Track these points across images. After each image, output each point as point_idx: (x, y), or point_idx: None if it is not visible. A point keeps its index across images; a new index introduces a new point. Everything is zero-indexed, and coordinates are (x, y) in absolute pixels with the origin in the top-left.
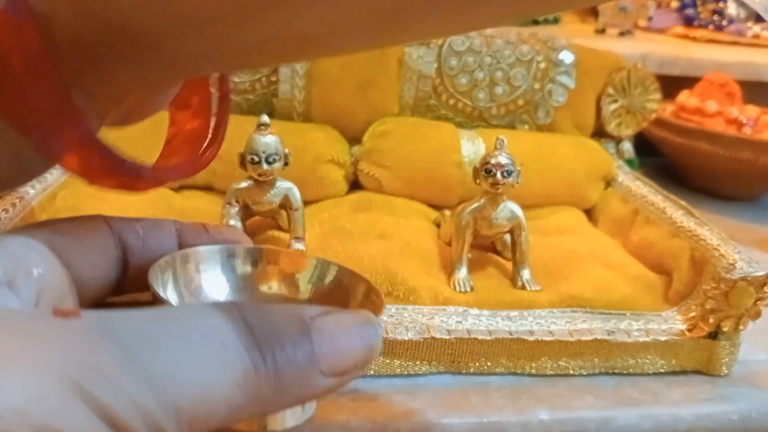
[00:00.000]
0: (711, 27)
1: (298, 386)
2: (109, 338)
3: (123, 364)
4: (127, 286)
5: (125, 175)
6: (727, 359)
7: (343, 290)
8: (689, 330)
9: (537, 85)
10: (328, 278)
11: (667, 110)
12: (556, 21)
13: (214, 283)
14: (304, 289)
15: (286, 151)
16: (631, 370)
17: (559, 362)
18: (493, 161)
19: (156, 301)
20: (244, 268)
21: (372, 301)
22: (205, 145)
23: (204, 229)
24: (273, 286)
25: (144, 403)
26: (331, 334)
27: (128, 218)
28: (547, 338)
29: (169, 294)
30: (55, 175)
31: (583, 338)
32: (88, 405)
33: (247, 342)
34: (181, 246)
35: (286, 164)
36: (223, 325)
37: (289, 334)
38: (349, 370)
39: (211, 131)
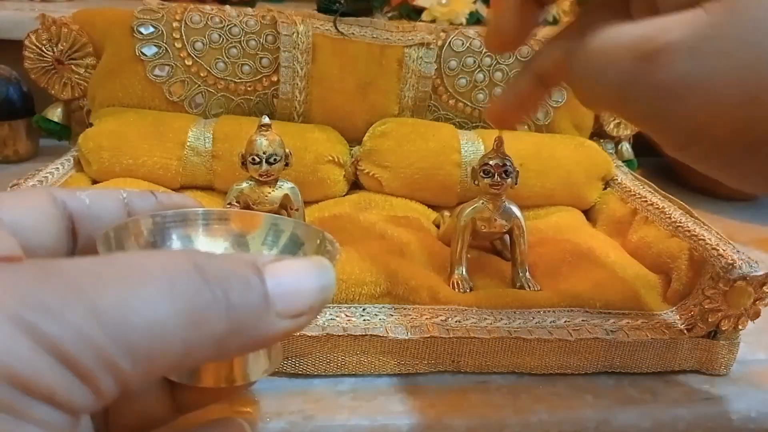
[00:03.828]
0: None
1: (253, 327)
2: (54, 275)
3: (68, 298)
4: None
5: None
6: (726, 359)
7: (298, 243)
8: (688, 329)
9: None
10: (282, 233)
11: None
12: (555, 21)
13: (167, 247)
14: (259, 244)
15: (287, 151)
16: (630, 369)
17: (559, 361)
18: (491, 162)
19: None
20: (196, 230)
21: (327, 250)
22: None
23: (152, 196)
24: (228, 246)
25: (93, 337)
26: (284, 276)
27: (73, 188)
28: (547, 337)
29: None
30: (56, 176)
31: (583, 337)
32: (35, 341)
33: (196, 279)
34: (129, 213)
35: (287, 165)
36: (171, 264)
37: (241, 275)
38: (305, 312)
39: None
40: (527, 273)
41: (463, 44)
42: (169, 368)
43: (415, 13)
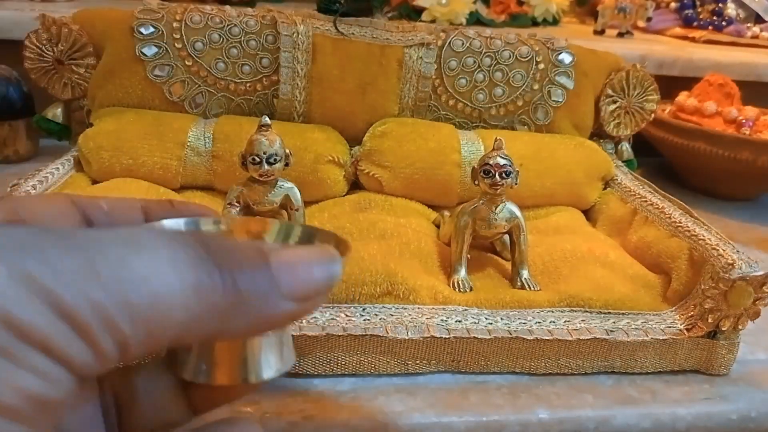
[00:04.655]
0: (710, 28)
1: (258, 305)
2: (55, 233)
3: (70, 256)
4: None
5: None
6: (725, 359)
7: (310, 243)
8: (688, 329)
9: (536, 86)
10: (293, 237)
11: (666, 111)
12: (555, 22)
13: None
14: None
15: (287, 151)
16: (629, 369)
17: (558, 361)
18: (491, 162)
19: None
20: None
21: (339, 249)
22: None
23: (170, 205)
24: None
25: (91, 293)
26: (289, 259)
27: (92, 196)
28: (546, 337)
29: None
30: (56, 176)
31: (582, 337)
32: (33, 290)
33: (199, 250)
34: (147, 221)
35: (287, 165)
36: (174, 236)
37: (248, 257)
38: (311, 296)
39: None
40: (527, 273)
41: (463, 44)
42: (171, 338)
43: (415, 13)
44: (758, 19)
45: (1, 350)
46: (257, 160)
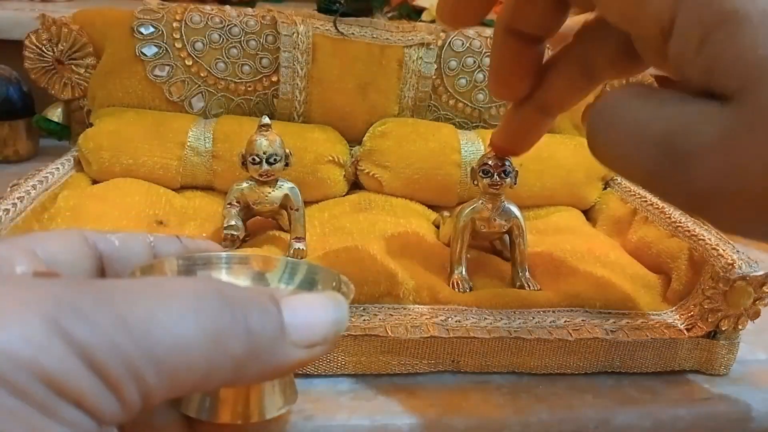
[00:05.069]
0: None
1: (270, 353)
2: (88, 286)
3: (100, 306)
4: None
5: None
6: (726, 359)
7: (313, 283)
8: (688, 329)
9: None
10: (299, 275)
11: None
12: None
13: None
14: (276, 282)
15: (288, 151)
16: (629, 369)
17: (559, 361)
18: (490, 162)
19: None
20: (217, 272)
21: (342, 291)
22: None
23: (178, 240)
24: (248, 283)
25: (122, 346)
26: (299, 308)
27: (103, 231)
28: (546, 337)
29: None
30: (56, 176)
31: (582, 337)
32: (68, 344)
33: (219, 301)
34: (155, 256)
35: (287, 165)
36: (197, 286)
37: (260, 303)
38: (318, 343)
39: None
40: (527, 273)
41: (463, 44)
42: (190, 387)
43: (415, 13)
44: None
45: (38, 405)
46: (257, 160)
